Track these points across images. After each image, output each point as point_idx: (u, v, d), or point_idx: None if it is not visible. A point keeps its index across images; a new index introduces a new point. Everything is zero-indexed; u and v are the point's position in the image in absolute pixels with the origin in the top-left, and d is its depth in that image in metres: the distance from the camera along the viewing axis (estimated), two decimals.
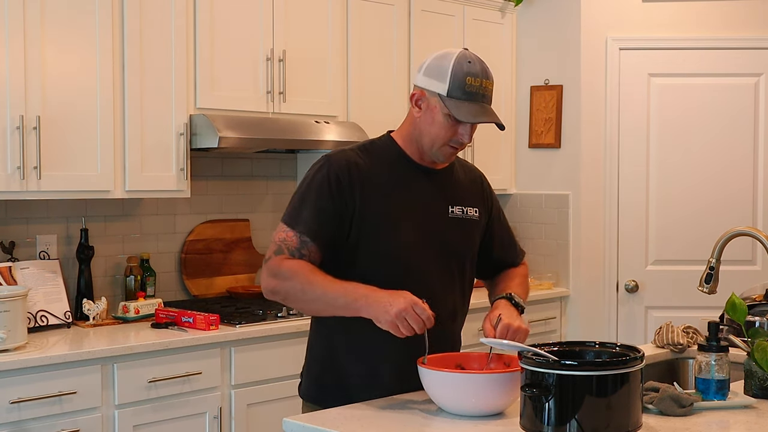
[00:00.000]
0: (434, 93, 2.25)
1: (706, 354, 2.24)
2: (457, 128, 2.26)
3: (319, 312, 2.26)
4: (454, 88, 2.22)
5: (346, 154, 2.30)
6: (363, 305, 2.12)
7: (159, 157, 3.58)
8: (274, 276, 2.22)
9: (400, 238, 2.27)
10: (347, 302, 2.14)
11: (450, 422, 2.05)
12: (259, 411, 3.51)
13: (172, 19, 3.60)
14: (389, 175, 2.31)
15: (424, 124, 2.28)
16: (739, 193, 4.75)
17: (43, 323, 3.40)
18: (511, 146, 5.04)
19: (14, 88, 3.18)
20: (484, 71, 2.26)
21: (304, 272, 2.19)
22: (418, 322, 2.07)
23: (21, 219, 3.58)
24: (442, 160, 2.34)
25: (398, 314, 2.07)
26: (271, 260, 2.23)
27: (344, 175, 2.25)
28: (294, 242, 2.22)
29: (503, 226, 2.55)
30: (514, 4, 4.95)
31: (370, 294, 2.12)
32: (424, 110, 2.28)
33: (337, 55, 4.17)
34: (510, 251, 2.55)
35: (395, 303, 2.08)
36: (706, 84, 4.76)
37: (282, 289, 2.21)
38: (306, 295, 2.19)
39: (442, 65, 2.24)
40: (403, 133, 2.36)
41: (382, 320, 2.09)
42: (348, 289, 2.15)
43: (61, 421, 3.01)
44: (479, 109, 2.25)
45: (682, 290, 4.58)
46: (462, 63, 2.23)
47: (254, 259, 4.26)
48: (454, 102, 2.22)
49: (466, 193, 2.42)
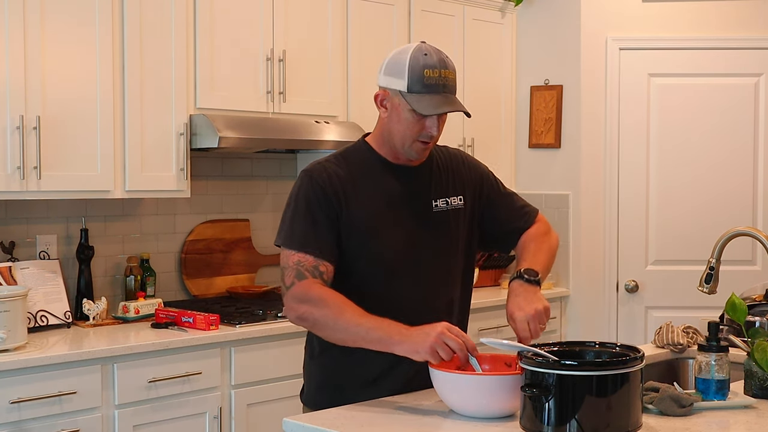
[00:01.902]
0: (396, 91, 2.24)
1: (706, 354, 2.24)
2: (423, 122, 2.24)
3: (345, 342, 2.21)
4: (414, 82, 2.20)
5: (324, 166, 2.29)
6: (398, 341, 2.09)
7: (159, 157, 3.58)
8: (303, 302, 2.19)
9: (388, 241, 2.27)
10: (381, 337, 2.11)
11: (450, 422, 2.05)
12: (259, 411, 3.51)
13: (172, 20, 3.60)
14: (369, 180, 2.30)
15: (391, 124, 2.27)
16: (739, 193, 4.75)
17: (43, 323, 3.40)
18: (511, 146, 5.05)
19: (14, 88, 3.18)
20: (441, 61, 2.22)
21: (336, 301, 2.17)
22: (457, 342, 2.05)
23: (21, 219, 3.58)
24: (416, 156, 2.31)
25: (437, 339, 2.04)
26: (295, 286, 2.20)
27: (328, 186, 2.24)
28: (308, 262, 2.20)
29: (502, 193, 2.50)
30: (514, 4, 4.95)
31: (405, 331, 2.10)
32: (390, 110, 2.27)
33: (337, 55, 4.17)
34: (519, 215, 2.50)
35: (432, 331, 2.06)
36: (706, 84, 4.76)
37: (311, 316, 2.18)
38: (337, 325, 2.16)
39: (399, 62, 2.23)
40: (375, 135, 2.35)
41: (421, 350, 2.05)
42: (383, 325, 2.13)
43: (61, 421, 3.01)
44: (441, 100, 2.22)
45: (682, 290, 4.58)
46: (418, 56, 2.21)
47: (254, 259, 4.26)
48: (415, 96, 2.20)
49: (447, 182, 2.39)
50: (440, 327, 2.07)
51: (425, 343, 2.04)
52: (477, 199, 2.44)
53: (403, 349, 2.09)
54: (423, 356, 2.06)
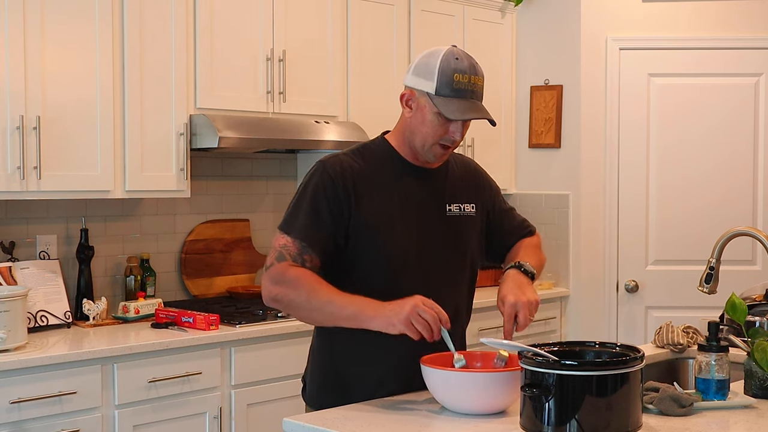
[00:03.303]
0: (423, 92, 2.23)
1: (706, 354, 2.24)
2: (447, 126, 2.24)
3: (321, 322, 2.24)
4: (442, 85, 2.19)
5: (340, 159, 2.29)
6: (371, 316, 2.10)
7: (159, 157, 3.58)
8: (278, 283, 2.19)
9: (399, 240, 2.26)
10: (354, 312, 2.12)
11: (450, 422, 2.05)
12: (259, 411, 3.51)
13: (172, 20, 3.60)
14: (384, 178, 2.30)
15: (415, 124, 2.27)
16: (739, 193, 4.75)
17: (43, 323, 3.40)
18: (511, 146, 5.05)
19: (14, 88, 3.18)
20: (472, 67, 2.22)
21: (309, 281, 2.17)
22: (431, 314, 2.05)
23: (21, 219, 3.58)
24: (434, 159, 2.32)
25: (411, 310, 2.05)
26: (273, 267, 2.21)
27: (339, 179, 2.24)
28: (294, 248, 2.21)
29: (505, 211, 2.52)
30: (514, 4, 4.95)
31: (379, 305, 2.11)
32: (415, 110, 2.26)
33: (337, 55, 4.17)
34: (521, 228, 2.53)
35: (405, 303, 2.07)
36: (706, 84, 4.76)
37: (285, 296, 2.19)
38: (311, 304, 2.17)
39: (429, 63, 2.22)
40: (396, 134, 2.35)
41: (396, 322, 2.06)
42: (355, 300, 2.13)
43: (61, 421, 3.01)
44: (469, 106, 2.21)
45: (682, 290, 4.58)
46: (449, 60, 2.20)
47: (254, 259, 4.26)
48: (442, 100, 2.20)
49: (462, 189, 2.41)
50: (414, 299, 2.08)
51: (399, 315, 2.05)
52: (487, 212, 2.46)
53: (377, 324, 2.09)
54: (398, 329, 2.06)
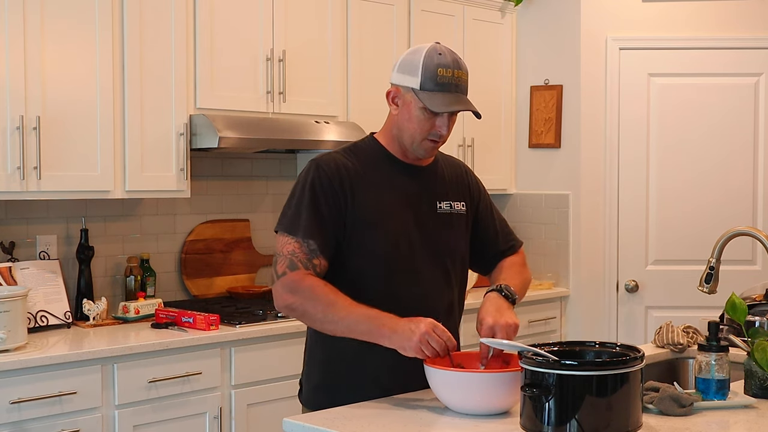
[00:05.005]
0: (408, 88, 2.27)
1: (706, 354, 2.24)
2: (434, 121, 2.27)
3: (335, 333, 2.24)
4: (426, 80, 2.23)
5: (333, 157, 2.31)
6: (387, 335, 2.13)
7: (159, 157, 3.58)
8: (293, 292, 2.21)
9: (391, 237, 2.28)
10: (370, 329, 2.15)
11: (450, 421, 2.05)
12: (259, 411, 3.51)
13: (172, 20, 3.60)
14: (376, 176, 2.32)
15: (402, 121, 2.30)
16: (739, 193, 4.75)
17: (43, 323, 3.40)
18: (511, 146, 5.04)
19: (14, 88, 3.18)
20: (455, 61, 2.26)
21: (325, 292, 2.19)
22: (440, 343, 2.10)
23: (21, 219, 3.58)
24: (424, 155, 2.34)
25: (421, 338, 2.09)
26: (287, 276, 2.22)
27: (335, 177, 2.26)
28: (302, 254, 2.22)
29: (494, 216, 2.53)
30: (514, 4, 4.95)
31: (394, 324, 2.13)
32: (401, 107, 2.30)
33: (337, 55, 4.17)
34: (504, 241, 2.53)
35: (417, 329, 2.10)
36: (706, 84, 4.76)
37: (300, 306, 2.21)
38: (327, 317, 2.19)
39: (413, 60, 2.26)
40: (385, 132, 2.37)
41: (407, 347, 2.11)
42: (371, 316, 2.16)
43: (61, 422, 3.01)
44: (453, 99, 2.25)
45: (682, 290, 4.58)
46: (432, 56, 2.24)
47: (254, 259, 4.26)
48: (427, 94, 2.23)
49: (451, 187, 2.42)
50: (425, 326, 2.10)
51: (411, 340, 2.10)
52: (474, 212, 2.47)
53: (390, 344, 2.14)
54: (409, 353, 2.11)
